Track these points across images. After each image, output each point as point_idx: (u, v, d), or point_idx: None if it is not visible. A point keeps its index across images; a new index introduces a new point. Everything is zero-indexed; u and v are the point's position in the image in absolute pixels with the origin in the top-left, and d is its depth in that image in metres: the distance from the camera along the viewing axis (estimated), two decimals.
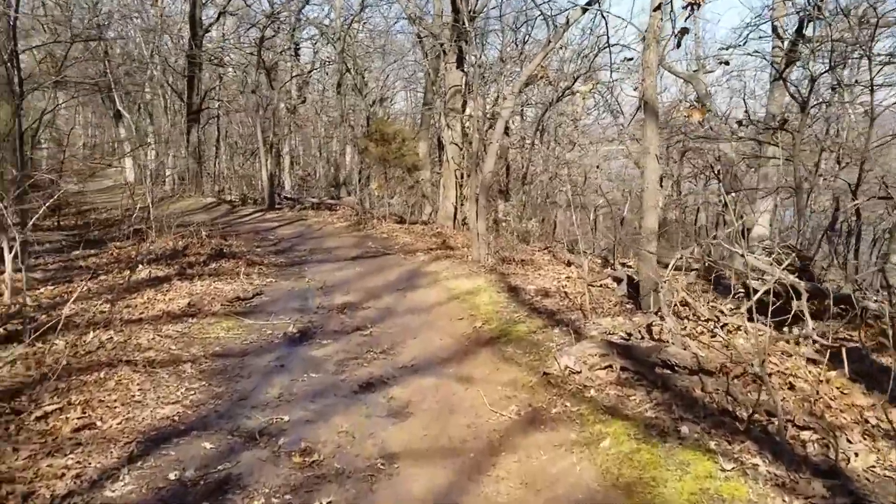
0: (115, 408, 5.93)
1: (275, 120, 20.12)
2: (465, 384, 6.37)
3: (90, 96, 32.15)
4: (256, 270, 11.38)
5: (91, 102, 37.52)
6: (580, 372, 5.61)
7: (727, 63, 21.17)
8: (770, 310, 5.99)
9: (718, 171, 25.87)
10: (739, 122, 22.01)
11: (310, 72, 29.66)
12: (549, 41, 11.17)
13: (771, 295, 5.46)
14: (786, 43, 18.19)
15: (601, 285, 9.09)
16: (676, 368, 5.21)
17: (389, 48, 30.09)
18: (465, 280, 10.16)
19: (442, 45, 17.46)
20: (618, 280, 9.03)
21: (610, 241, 29.62)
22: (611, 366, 5.53)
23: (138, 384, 6.43)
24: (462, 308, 8.78)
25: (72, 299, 7.68)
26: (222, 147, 27.67)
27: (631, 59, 14.97)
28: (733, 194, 22.34)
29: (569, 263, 10.07)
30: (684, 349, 5.29)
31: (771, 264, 6.86)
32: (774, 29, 19.39)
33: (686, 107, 11.20)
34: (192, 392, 6.37)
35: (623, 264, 11.03)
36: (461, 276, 10.47)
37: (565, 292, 8.88)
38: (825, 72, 15.62)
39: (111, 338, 7.65)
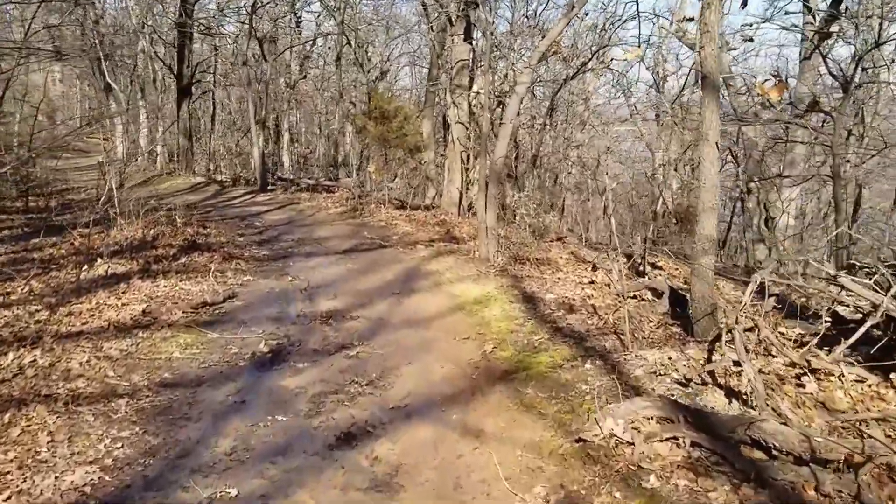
0: (8, 473, 4.39)
1: (268, 95, 18.40)
2: (474, 441, 4.80)
3: (82, 68, 30.51)
4: (233, 266, 9.78)
5: (89, 76, 35.73)
6: (632, 444, 4.02)
7: (751, 40, 19.40)
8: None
9: (736, 154, 24.16)
10: (763, 104, 20.28)
11: (312, 43, 27.88)
12: (573, 5, 9.47)
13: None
14: (818, 18, 16.45)
15: (635, 296, 7.48)
16: (774, 453, 3.63)
17: (393, 22, 28.28)
18: (472, 284, 8.57)
19: (448, 14, 15.71)
20: (656, 292, 7.42)
21: (623, 229, 28.00)
22: (676, 439, 3.95)
23: (50, 432, 4.89)
24: (469, 323, 7.20)
25: None
26: (217, 123, 25.95)
27: (692, 18, 13.12)
28: (756, 180, 20.64)
29: (594, 268, 8.46)
30: (783, 423, 3.69)
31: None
32: (805, 2, 17.53)
33: (759, 83, 9.51)
34: (119, 444, 4.82)
35: (653, 266, 9.42)
36: (467, 277, 8.88)
37: (593, 306, 7.28)
38: (874, 47, 13.85)
39: (35, 360, 6.08)
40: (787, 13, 22.78)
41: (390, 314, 7.86)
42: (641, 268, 8.94)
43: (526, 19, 22.55)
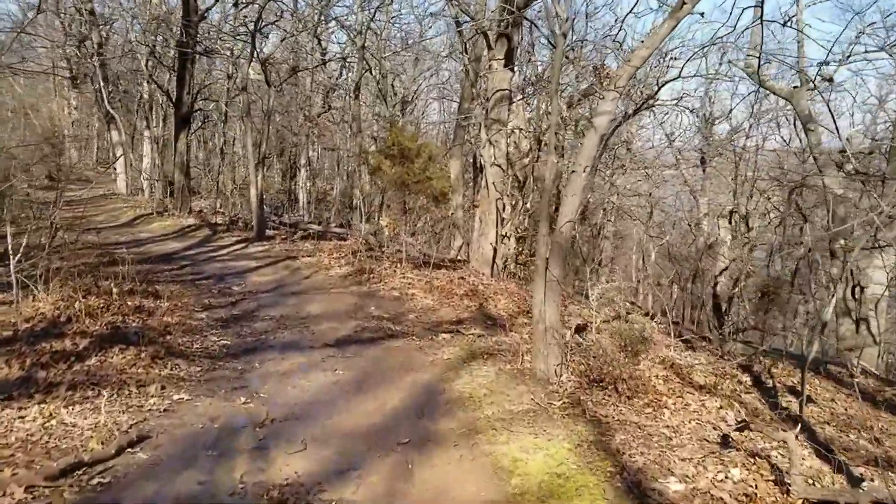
0: None
1: (269, 126, 15.11)
2: None
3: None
4: (167, 371, 6.33)
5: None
6: None
7: (831, 80, 15.92)
8: None
9: (802, 208, 20.48)
10: (842, 153, 16.73)
11: (339, 74, 24.79)
12: (684, 2, 6.04)
13: None
14: None
15: None
16: None
17: (424, 51, 25.15)
18: (529, 434, 5.01)
19: (485, 31, 12.41)
20: None
21: (665, 287, 24.26)
22: None
23: None
24: None
25: None
26: (227, 156, 22.82)
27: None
28: (842, 242, 16.91)
29: (744, 426, 4.87)
30: None
31: None
32: None
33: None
34: None
35: (792, 391, 5.79)
36: (519, 417, 5.33)
37: None
38: None
39: None
40: (866, 52, 18.71)
41: (391, 501, 4.32)
42: (798, 401, 5.32)
43: (572, 51, 19.24)
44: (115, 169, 23.39)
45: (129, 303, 8.03)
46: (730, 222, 25.75)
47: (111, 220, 17.88)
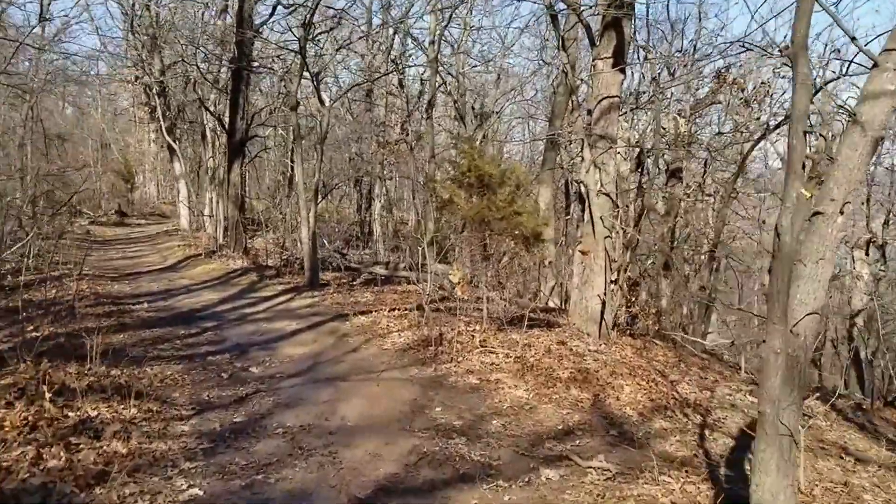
0: None
1: (322, 151, 12.41)
2: None
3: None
4: None
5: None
6: None
7: None
8: None
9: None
10: None
11: (417, 97, 22.21)
12: None
13: None
14: None
15: None
16: None
17: (505, 72, 22.21)
18: None
19: (588, 25, 9.33)
20: None
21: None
22: None
23: None
24: None
25: None
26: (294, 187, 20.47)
27: None
28: None
29: None
30: None
31: None
32: None
33: None
34: None
35: None
36: None
37: None
38: None
39: None
40: None
41: None
42: None
43: (680, 55, 15.85)
44: (179, 204, 21.50)
45: (72, 413, 5.26)
46: (866, 253, 21.38)
47: (160, 261, 15.70)
